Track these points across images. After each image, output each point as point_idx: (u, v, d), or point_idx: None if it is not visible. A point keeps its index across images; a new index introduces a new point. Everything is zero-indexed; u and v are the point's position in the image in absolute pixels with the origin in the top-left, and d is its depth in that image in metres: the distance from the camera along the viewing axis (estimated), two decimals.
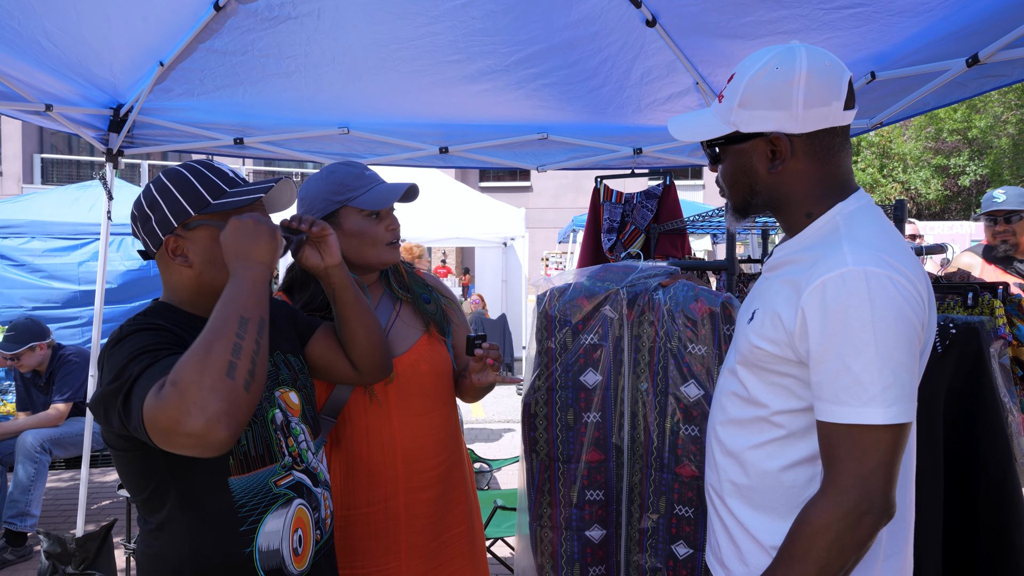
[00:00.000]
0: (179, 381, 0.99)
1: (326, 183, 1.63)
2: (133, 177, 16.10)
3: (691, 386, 1.78)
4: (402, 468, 1.63)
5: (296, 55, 2.68)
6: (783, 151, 1.17)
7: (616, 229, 3.72)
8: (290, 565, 1.26)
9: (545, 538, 1.93)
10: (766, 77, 1.14)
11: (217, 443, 0.99)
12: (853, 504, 1.02)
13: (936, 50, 2.28)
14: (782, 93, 1.13)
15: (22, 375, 4.15)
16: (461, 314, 1.87)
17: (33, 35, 2.36)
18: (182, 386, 0.99)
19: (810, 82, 1.12)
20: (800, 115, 1.14)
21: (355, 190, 1.62)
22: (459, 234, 8.21)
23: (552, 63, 2.75)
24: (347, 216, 1.63)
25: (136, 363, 1.09)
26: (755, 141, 1.19)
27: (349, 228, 1.63)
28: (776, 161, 1.18)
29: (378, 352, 1.50)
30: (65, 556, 2.83)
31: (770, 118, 1.15)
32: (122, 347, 1.13)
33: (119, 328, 1.19)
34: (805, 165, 1.18)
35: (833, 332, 1.04)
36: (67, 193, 6.20)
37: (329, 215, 1.63)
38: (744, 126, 1.18)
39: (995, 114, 19.94)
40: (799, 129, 1.15)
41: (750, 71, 1.16)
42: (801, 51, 1.14)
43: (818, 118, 1.15)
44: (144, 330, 1.17)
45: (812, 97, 1.13)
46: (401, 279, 1.78)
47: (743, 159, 1.22)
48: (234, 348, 1.04)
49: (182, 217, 1.24)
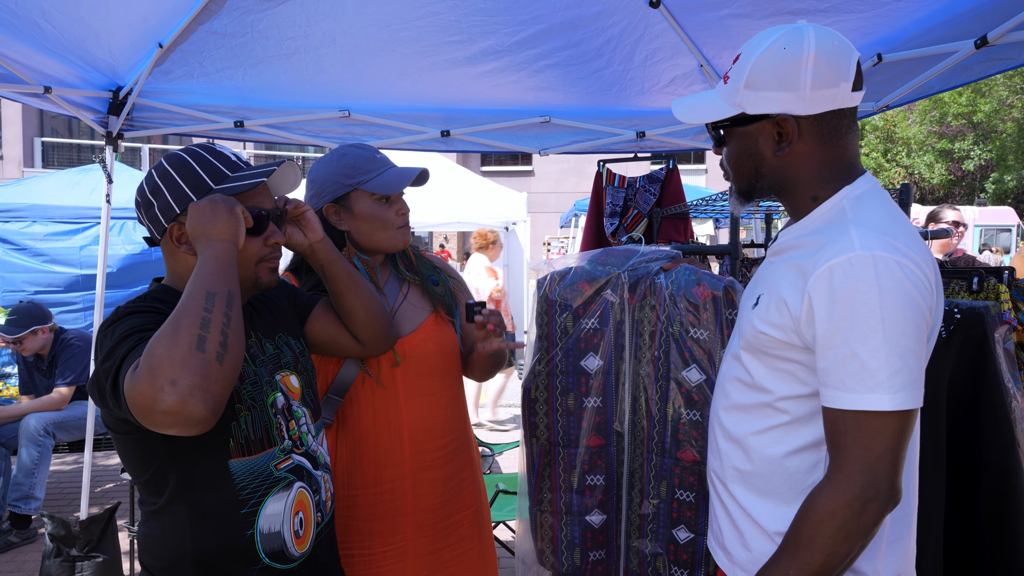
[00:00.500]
0: (150, 359, 0.99)
1: (337, 166, 1.62)
2: (134, 161, 16.06)
3: (693, 371, 1.78)
4: (409, 448, 1.64)
5: (296, 36, 2.65)
6: (790, 133, 1.15)
7: (619, 213, 3.70)
8: (291, 547, 1.26)
9: (545, 523, 1.94)
10: (773, 57, 1.12)
11: (195, 418, 0.98)
12: (859, 490, 1.01)
13: (944, 32, 2.25)
14: (789, 74, 1.11)
15: (25, 359, 4.16)
16: (469, 295, 1.86)
17: (31, 16, 2.34)
18: (153, 363, 0.98)
19: (818, 63, 1.10)
20: (808, 96, 1.12)
21: (366, 173, 1.61)
22: (460, 218, 8.18)
23: (554, 44, 2.72)
24: (358, 199, 1.62)
25: (123, 344, 1.09)
26: (761, 123, 1.17)
27: (360, 211, 1.62)
28: (782, 143, 1.16)
29: (378, 322, 1.50)
30: (69, 539, 2.84)
31: (777, 99, 1.13)
32: (115, 329, 1.13)
33: (115, 310, 1.19)
34: (812, 147, 1.16)
35: (840, 318, 1.03)
36: (68, 177, 6.18)
37: (340, 198, 1.63)
38: (750, 107, 1.16)
39: (1000, 98, 19.80)
40: (806, 111, 1.13)
41: (757, 51, 1.14)
42: (809, 31, 1.12)
43: (826, 99, 1.12)
44: (137, 312, 1.16)
45: (820, 78, 1.11)
46: (408, 261, 1.77)
47: (748, 141, 1.20)
48: (202, 322, 1.03)
49: (185, 203, 1.22)
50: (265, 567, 1.23)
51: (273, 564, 1.24)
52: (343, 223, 1.65)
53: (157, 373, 0.97)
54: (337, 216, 1.65)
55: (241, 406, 1.22)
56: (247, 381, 1.25)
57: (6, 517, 3.79)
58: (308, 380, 1.41)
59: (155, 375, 0.97)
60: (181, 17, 2.51)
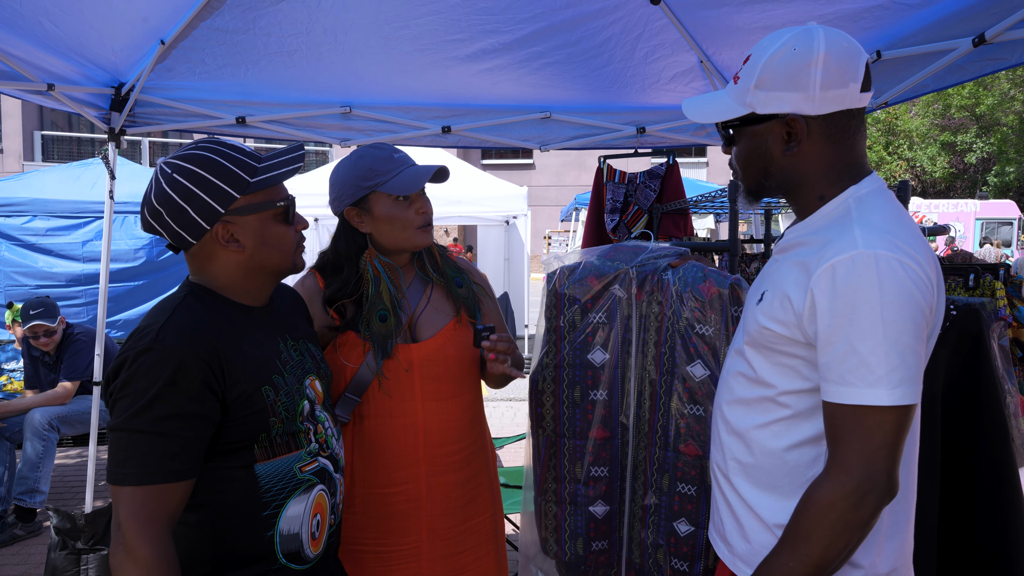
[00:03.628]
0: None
1: (354, 169, 1.61)
2: (135, 155, 16.05)
3: (697, 366, 1.79)
4: (424, 452, 1.63)
5: (298, 33, 2.66)
6: (799, 133, 1.16)
7: (619, 209, 3.71)
8: (307, 549, 1.28)
9: (549, 512, 1.96)
10: (784, 58, 1.13)
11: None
12: (856, 483, 1.03)
13: (942, 30, 2.26)
14: (800, 74, 1.12)
15: (31, 353, 4.18)
16: (493, 301, 1.84)
17: (34, 15, 2.35)
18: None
19: (828, 63, 1.11)
20: (817, 97, 1.13)
21: (384, 175, 1.60)
22: (461, 212, 8.18)
23: (555, 41, 2.73)
24: (377, 201, 1.61)
25: (151, 425, 1.11)
26: (771, 123, 1.18)
27: (380, 213, 1.62)
28: (792, 143, 1.18)
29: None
30: (75, 532, 2.87)
31: (787, 99, 1.14)
32: (156, 375, 1.12)
33: (162, 328, 1.15)
34: (820, 147, 1.17)
35: (841, 314, 1.05)
36: (69, 171, 6.19)
37: (359, 200, 1.62)
38: (760, 107, 1.17)
39: (1003, 91, 19.74)
40: (816, 111, 1.14)
41: (767, 52, 1.15)
42: (819, 32, 1.13)
43: (835, 100, 1.14)
44: (187, 368, 1.13)
45: (830, 78, 1.12)
46: (435, 261, 1.76)
47: (758, 141, 1.21)
48: None
49: (227, 202, 1.21)
50: (281, 567, 1.25)
51: (289, 564, 1.26)
52: (365, 226, 1.64)
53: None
54: (359, 219, 1.64)
55: (276, 419, 1.23)
56: (282, 392, 1.25)
57: (11, 511, 3.81)
58: (327, 385, 1.43)
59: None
60: (183, 14, 2.52)
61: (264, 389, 1.22)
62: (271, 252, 1.28)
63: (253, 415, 1.20)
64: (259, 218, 1.25)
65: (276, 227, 1.28)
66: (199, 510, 1.20)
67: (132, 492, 1.09)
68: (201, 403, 1.14)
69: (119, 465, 1.10)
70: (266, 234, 1.26)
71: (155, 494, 1.10)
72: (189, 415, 1.13)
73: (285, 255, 1.30)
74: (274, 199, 1.27)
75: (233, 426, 1.18)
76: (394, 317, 1.63)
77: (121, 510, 1.09)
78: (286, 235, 1.30)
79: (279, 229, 1.28)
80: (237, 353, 1.20)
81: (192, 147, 1.25)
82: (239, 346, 1.22)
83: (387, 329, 1.61)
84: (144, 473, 1.09)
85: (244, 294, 1.29)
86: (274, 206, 1.27)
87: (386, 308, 1.63)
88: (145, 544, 1.07)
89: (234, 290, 1.28)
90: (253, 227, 1.25)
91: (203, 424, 1.15)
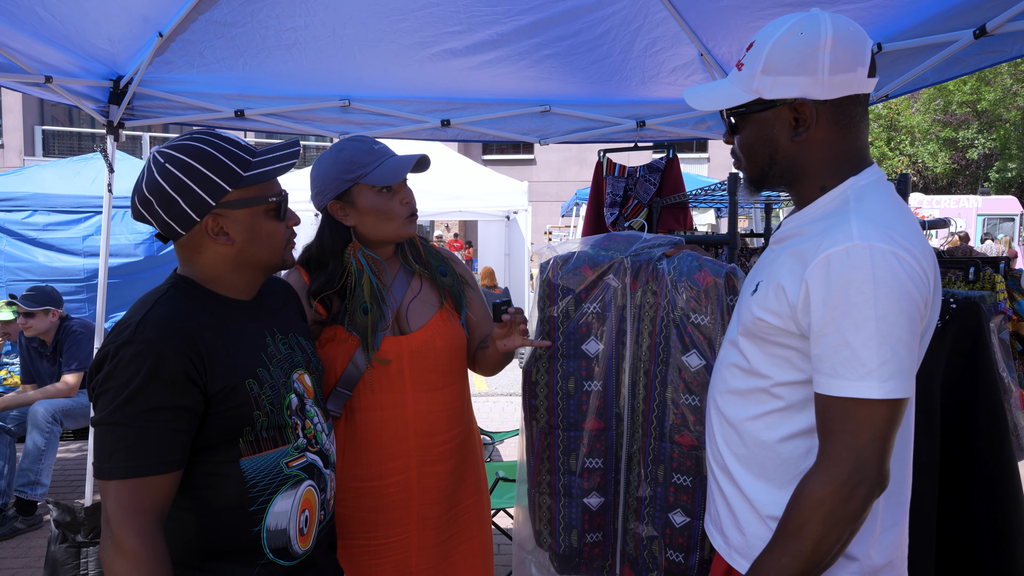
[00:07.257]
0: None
1: (335, 162, 1.61)
2: (134, 150, 16.03)
3: (693, 356, 1.79)
4: (415, 443, 1.64)
5: (296, 27, 2.65)
6: (807, 118, 1.15)
7: (619, 203, 3.70)
8: (295, 544, 1.28)
9: (543, 504, 1.96)
10: (791, 42, 1.12)
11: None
12: (846, 476, 1.03)
13: (943, 22, 2.25)
14: (808, 58, 1.11)
15: (27, 345, 4.19)
16: (477, 289, 1.86)
17: (31, 5, 2.34)
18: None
19: (836, 47, 1.10)
20: (826, 81, 1.12)
21: (365, 167, 1.60)
22: (462, 207, 8.18)
23: (554, 33, 2.72)
24: (360, 194, 1.61)
25: (134, 419, 1.11)
26: (778, 109, 1.16)
27: (364, 206, 1.62)
28: (799, 128, 1.16)
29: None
30: (74, 525, 2.88)
31: (795, 84, 1.13)
32: (137, 367, 1.11)
33: (141, 321, 1.15)
34: (828, 134, 1.16)
35: (835, 306, 1.04)
36: (69, 166, 6.19)
37: (342, 194, 1.62)
38: (767, 92, 1.15)
39: (1005, 86, 19.68)
40: (825, 95, 1.13)
41: (773, 36, 1.14)
42: (825, 16, 1.12)
43: (844, 84, 1.12)
44: (167, 361, 1.13)
45: (838, 62, 1.11)
46: (417, 252, 1.76)
47: (764, 128, 1.19)
48: None
49: (218, 195, 1.21)
50: (269, 563, 1.25)
51: (277, 560, 1.26)
52: (349, 219, 1.64)
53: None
54: (343, 212, 1.64)
55: (260, 412, 1.22)
56: (266, 386, 1.25)
57: (12, 503, 3.82)
58: (319, 379, 1.43)
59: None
60: (181, 6, 2.52)
61: (248, 382, 1.22)
62: (260, 247, 1.27)
63: (235, 408, 1.19)
64: (250, 213, 1.25)
65: (267, 223, 1.27)
66: (186, 505, 1.20)
67: (119, 486, 1.09)
68: (184, 395, 1.14)
69: (105, 459, 1.10)
70: (256, 229, 1.26)
71: (142, 487, 1.10)
72: (172, 407, 1.12)
73: (275, 251, 1.30)
74: (266, 194, 1.27)
75: (216, 419, 1.18)
76: (377, 309, 1.63)
77: (109, 504, 1.09)
78: (276, 231, 1.29)
79: (270, 225, 1.28)
80: (219, 346, 1.20)
81: (187, 137, 1.24)
82: (222, 339, 1.21)
83: (370, 322, 1.61)
84: (130, 466, 1.10)
85: (231, 287, 1.29)
86: (266, 201, 1.26)
87: (367, 301, 1.62)
88: (133, 537, 1.07)
89: (220, 283, 1.28)
90: (243, 221, 1.24)
91: (187, 416, 1.15)
